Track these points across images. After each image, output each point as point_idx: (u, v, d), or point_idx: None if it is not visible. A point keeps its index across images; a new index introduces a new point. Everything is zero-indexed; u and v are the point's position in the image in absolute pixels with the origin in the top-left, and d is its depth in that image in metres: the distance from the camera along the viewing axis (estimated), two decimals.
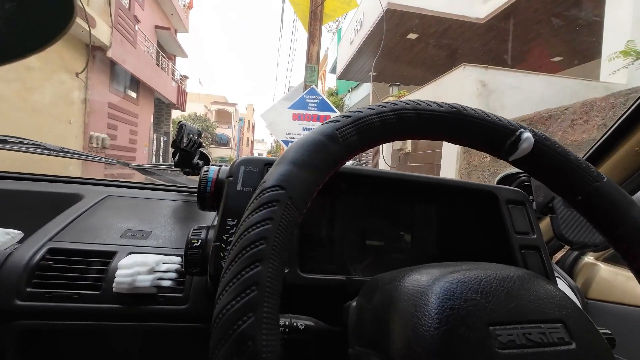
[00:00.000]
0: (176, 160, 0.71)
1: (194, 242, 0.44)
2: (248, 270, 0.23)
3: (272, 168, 0.30)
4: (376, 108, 0.36)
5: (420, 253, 0.57)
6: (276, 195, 0.27)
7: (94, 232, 0.57)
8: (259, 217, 0.26)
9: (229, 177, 0.47)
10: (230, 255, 0.25)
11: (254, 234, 0.25)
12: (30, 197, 0.66)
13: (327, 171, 0.32)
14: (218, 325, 0.22)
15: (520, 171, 0.73)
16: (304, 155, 0.31)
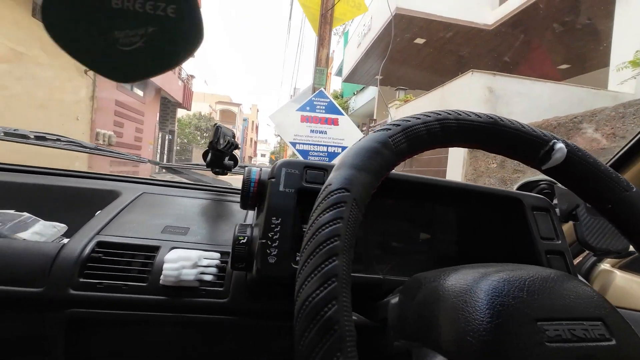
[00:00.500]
0: (208, 160, 0.74)
1: (241, 239, 0.47)
2: (327, 264, 0.26)
3: (334, 172, 0.33)
4: (422, 117, 0.39)
5: (444, 256, 0.60)
6: (343, 197, 0.30)
7: (136, 227, 0.59)
8: (331, 217, 0.28)
9: (271, 179, 0.50)
10: (306, 251, 0.28)
11: (328, 231, 0.28)
12: (70, 192, 0.69)
13: (382, 175, 0.35)
14: (305, 312, 0.24)
15: (540, 179, 0.75)
16: (363, 161, 0.34)
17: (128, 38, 0.23)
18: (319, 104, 3.95)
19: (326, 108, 3.94)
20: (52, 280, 0.49)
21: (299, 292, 0.26)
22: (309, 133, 3.92)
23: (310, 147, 3.89)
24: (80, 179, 0.72)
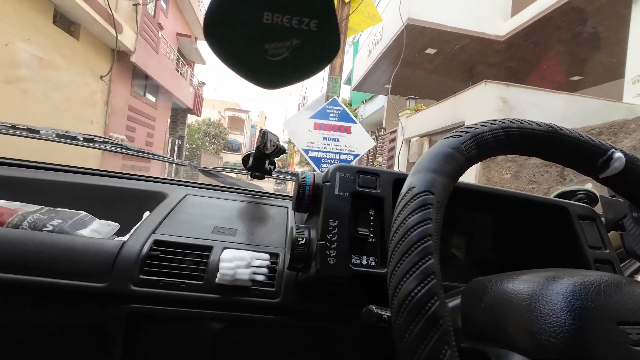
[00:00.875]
0: (250, 164, 0.76)
1: (299, 240, 0.48)
2: (424, 262, 0.27)
3: (414, 175, 0.34)
4: (488, 125, 0.40)
5: (485, 262, 0.60)
6: (429, 199, 0.31)
7: (188, 227, 0.61)
8: (420, 218, 0.30)
9: (326, 182, 0.52)
10: (399, 249, 0.29)
11: (420, 231, 0.29)
12: (118, 192, 0.71)
13: (456, 179, 0.37)
14: (408, 307, 0.26)
15: (577, 188, 0.76)
16: (441, 165, 0.35)
17: (276, 49, 0.26)
18: (332, 112, 3.98)
19: (339, 116, 3.97)
20: (115, 276, 0.51)
21: (398, 289, 0.27)
22: (322, 140, 3.95)
23: (322, 155, 3.92)
24: (127, 180, 0.75)
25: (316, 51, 0.28)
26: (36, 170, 0.72)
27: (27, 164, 0.73)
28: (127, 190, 0.72)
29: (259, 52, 0.27)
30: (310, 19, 0.27)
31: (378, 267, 0.48)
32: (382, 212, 0.51)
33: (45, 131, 0.76)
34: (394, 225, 0.31)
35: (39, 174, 0.70)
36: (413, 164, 1.64)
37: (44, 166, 0.73)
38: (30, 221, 0.55)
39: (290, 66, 0.28)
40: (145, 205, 0.69)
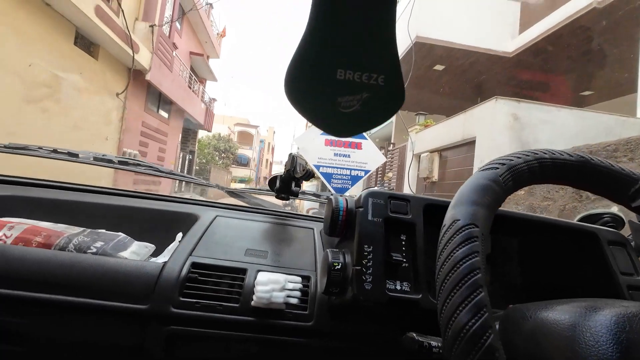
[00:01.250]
0: (278, 187, 0.78)
1: (336, 264, 0.50)
2: (476, 295, 0.29)
3: (456, 208, 0.36)
4: (522, 157, 0.42)
5: (513, 286, 0.61)
6: (475, 232, 0.33)
7: (222, 249, 0.63)
8: (468, 251, 0.31)
9: (359, 208, 0.54)
10: (449, 282, 0.30)
11: (469, 264, 0.30)
12: (152, 214, 0.74)
13: (495, 210, 0.38)
14: (464, 340, 0.27)
15: (603, 212, 0.76)
16: (481, 197, 0.37)
17: (348, 102, 0.28)
18: None
19: None
20: (156, 298, 0.53)
21: (451, 321, 0.28)
22: (333, 156, 3.99)
23: (333, 171, 3.95)
24: (158, 202, 0.78)
25: (383, 103, 0.31)
26: (73, 192, 0.75)
27: (65, 185, 0.77)
28: (160, 212, 0.74)
29: (333, 105, 0.29)
30: (378, 74, 0.29)
31: (412, 293, 0.49)
32: (414, 238, 0.53)
33: (83, 155, 0.80)
34: (440, 258, 0.33)
35: (76, 195, 0.74)
36: (423, 180, 1.68)
37: (81, 188, 0.77)
38: (76, 243, 0.58)
39: (361, 117, 0.31)
40: (177, 226, 0.72)
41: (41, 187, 0.74)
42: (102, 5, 6.65)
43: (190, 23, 12.16)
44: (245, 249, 0.65)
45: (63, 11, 6.04)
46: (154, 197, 0.78)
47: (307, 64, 0.28)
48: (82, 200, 0.71)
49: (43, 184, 0.74)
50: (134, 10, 8.52)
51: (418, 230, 0.53)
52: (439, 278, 0.31)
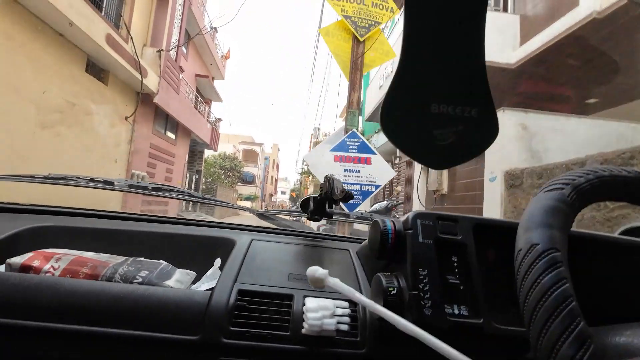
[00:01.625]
0: (312, 209, 0.78)
1: (391, 289, 0.49)
2: (576, 325, 0.28)
3: (530, 231, 0.35)
4: (584, 176, 0.42)
5: (588, 308, 0.58)
6: (558, 257, 0.32)
7: (264, 275, 0.62)
8: (556, 277, 0.30)
9: (408, 230, 0.53)
10: (542, 311, 0.29)
11: (561, 292, 0.30)
12: (189, 240, 0.74)
13: (568, 232, 0.38)
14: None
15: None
16: (554, 219, 0.36)
17: (443, 135, 0.29)
18: (352, 144, 4.06)
19: (359, 148, 4.04)
20: (207, 328, 0.52)
21: (554, 354, 0.27)
22: (343, 172, 3.99)
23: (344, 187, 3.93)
24: (193, 227, 0.78)
25: (478, 135, 0.31)
26: (110, 220, 0.76)
27: (102, 214, 0.77)
28: (196, 238, 0.74)
29: (429, 138, 0.30)
30: (472, 107, 0.30)
31: (472, 317, 0.48)
32: (466, 259, 0.52)
33: (119, 182, 0.81)
34: (525, 285, 0.32)
35: (114, 224, 0.74)
36: (433, 192, 1.67)
37: (118, 215, 0.77)
38: (122, 273, 0.58)
39: (456, 149, 0.31)
40: (214, 252, 0.72)
41: (79, 216, 0.74)
42: (113, 33, 6.89)
43: (196, 46, 12.52)
44: (287, 273, 0.64)
45: (75, 40, 6.26)
46: (188, 222, 0.78)
47: (402, 99, 0.28)
48: (120, 228, 0.72)
49: (81, 212, 0.75)
50: (142, 36, 8.82)
51: (470, 251, 0.52)
52: (527, 306, 0.30)
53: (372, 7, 4.10)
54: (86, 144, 7.36)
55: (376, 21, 4.06)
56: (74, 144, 6.92)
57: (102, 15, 6.85)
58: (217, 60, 14.10)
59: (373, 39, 4.06)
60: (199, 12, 11.54)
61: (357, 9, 4.05)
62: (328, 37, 4.11)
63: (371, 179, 4.05)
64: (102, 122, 7.83)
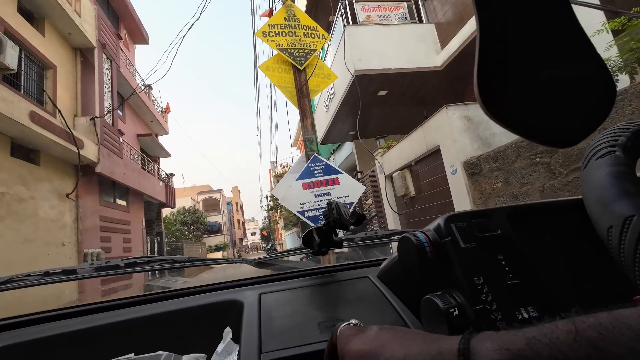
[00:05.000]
0: (319, 242, 0.70)
1: (452, 311, 0.42)
2: None
3: (612, 204, 0.31)
4: (622, 135, 0.39)
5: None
6: None
7: (292, 334, 0.52)
8: None
9: (445, 238, 0.47)
10: None
11: None
12: (188, 314, 0.62)
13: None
14: None
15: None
16: (630, 185, 0.32)
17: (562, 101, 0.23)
18: (316, 169, 4.05)
19: (324, 170, 4.04)
20: None
21: None
22: (314, 198, 3.94)
23: (318, 212, 3.87)
24: (185, 298, 0.65)
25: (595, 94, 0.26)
26: (82, 318, 0.61)
27: (69, 312, 0.62)
28: (196, 309, 0.62)
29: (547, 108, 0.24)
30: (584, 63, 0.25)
31: (545, 318, 0.42)
32: (512, 253, 0.47)
33: (82, 268, 0.67)
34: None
35: (90, 320, 0.59)
36: (402, 198, 1.62)
37: (91, 309, 0.63)
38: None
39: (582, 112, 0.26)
40: (221, 320, 0.60)
41: (38, 324, 0.59)
42: (37, 110, 6.41)
43: (132, 107, 12.09)
44: (316, 323, 0.54)
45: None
46: (179, 293, 0.66)
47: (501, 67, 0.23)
48: (96, 324, 0.57)
49: (39, 318, 0.59)
50: (71, 107, 8.32)
51: (515, 244, 0.47)
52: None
53: (304, 37, 4.26)
54: (25, 234, 6.57)
55: (311, 49, 4.21)
56: (10, 237, 6.14)
57: (22, 94, 6.37)
58: (158, 117, 13.70)
59: (312, 65, 4.18)
60: (128, 73, 11.24)
61: (291, 41, 4.18)
62: (269, 72, 4.16)
63: (343, 198, 4.03)
64: (40, 206, 7.08)
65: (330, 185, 4.07)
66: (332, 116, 8.30)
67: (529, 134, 0.26)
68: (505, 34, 0.24)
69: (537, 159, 3.16)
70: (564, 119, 0.26)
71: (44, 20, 7.50)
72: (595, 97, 0.26)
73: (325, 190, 4.05)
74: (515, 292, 0.43)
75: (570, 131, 0.26)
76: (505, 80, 0.24)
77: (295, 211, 3.80)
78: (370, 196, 7.95)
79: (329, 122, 8.75)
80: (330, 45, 7.89)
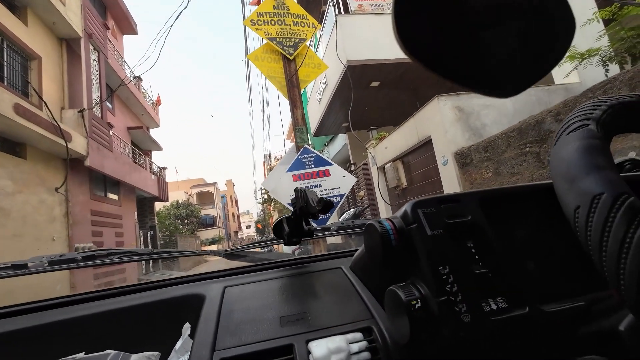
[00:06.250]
0: (288, 231, 0.66)
1: (414, 302, 0.39)
2: None
3: (580, 181, 0.28)
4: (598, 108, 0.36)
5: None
6: (635, 202, 0.24)
7: (251, 329, 0.49)
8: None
9: (411, 225, 0.44)
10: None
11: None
12: (143, 310, 0.58)
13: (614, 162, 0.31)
14: None
15: (623, 159, 0.73)
16: (601, 159, 0.29)
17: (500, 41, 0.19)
18: (307, 160, 4.01)
19: (314, 162, 4.00)
20: None
21: None
22: None
23: None
24: (144, 293, 0.62)
25: (549, 30, 0.22)
26: (27, 317, 0.56)
27: (9, 311, 0.57)
28: (152, 306, 0.58)
29: (481, 46, 0.20)
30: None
31: (515, 308, 0.39)
32: (482, 240, 0.44)
33: (34, 262, 0.62)
34: (609, 249, 0.24)
35: (33, 319, 0.55)
36: (394, 189, 1.56)
37: (36, 307, 0.59)
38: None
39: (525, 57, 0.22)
40: (180, 316, 0.56)
41: None
42: (21, 102, 6.23)
43: (121, 99, 11.85)
44: (278, 317, 0.51)
45: None
46: (138, 288, 0.62)
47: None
48: (45, 322, 0.54)
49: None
50: (58, 99, 8.11)
51: (485, 230, 0.44)
52: (626, 281, 0.22)
53: (294, 25, 4.16)
54: (13, 229, 6.46)
55: (301, 38, 4.12)
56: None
57: (5, 85, 6.19)
58: (148, 109, 13.47)
59: (302, 55, 4.10)
60: (117, 64, 10.99)
61: (280, 30, 4.09)
62: (258, 62, 4.07)
63: (334, 190, 4.00)
64: (28, 201, 6.95)
65: (321, 177, 4.04)
66: (325, 108, 8.22)
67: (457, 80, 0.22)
68: None
69: (526, 149, 3.15)
70: (499, 66, 0.22)
71: (27, 9, 7.25)
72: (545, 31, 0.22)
73: (316, 182, 4.01)
74: (483, 281, 0.40)
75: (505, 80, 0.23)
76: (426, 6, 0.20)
77: (286, 203, 3.76)
78: (363, 188, 7.94)
79: (322, 114, 8.67)
80: (322, 35, 7.77)
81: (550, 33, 0.23)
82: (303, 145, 4.06)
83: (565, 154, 0.30)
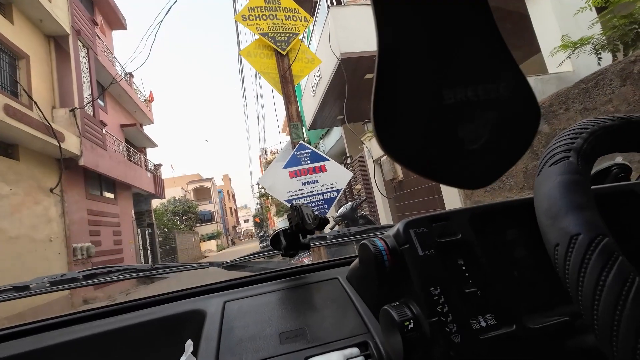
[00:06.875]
0: (285, 244, 0.68)
1: (407, 323, 0.41)
2: None
3: (560, 219, 0.29)
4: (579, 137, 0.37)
5: None
6: (609, 244, 0.26)
7: (251, 346, 0.51)
8: (622, 275, 0.24)
9: (404, 245, 0.45)
10: (625, 327, 0.23)
11: (635, 295, 0.23)
12: (144, 329, 0.59)
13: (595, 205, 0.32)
14: None
15: (611, 164, 0.75)
16: (580, 197, 0.30)
17: (473, 133, 0.20)
18: (303, 156, 4.00)
19: (310, 158, 4.00)
20: None
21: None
22: (301, 186, 3.91)
23: (306, 200, 3.85)
24: (144, 311, 0.63)
25: (518, 119, 0.23)
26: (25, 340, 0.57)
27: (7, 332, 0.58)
28: (152, 324, 0.60)
29: (454, 143, 0.21)
30: (498, 82, 0.22)
31: (502, 326, 0.41)
32: (472, 258, 0.45)
33: (35, 284, 0.63)
34: (584, 291, 0.25)
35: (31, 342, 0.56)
36: (391, 182, 1.59)
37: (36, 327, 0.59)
38: None
39: (496, 149, 0.23)
40: (182, 332, 0.58)
41: None
42: (11, 102, 6.14)
43: (113, 97, 11.70)
44: (277, 334, 0.53)
45: None
46: (139, 304, 0.63)
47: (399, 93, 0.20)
48: (42, 345, 0.55)
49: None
50: (49, 98, 8.00)
51: (475, 248, 0.46)
52: (599, 320, 0.24)
53: (286, 20, 4.11)
54: (8, 232, 6.42)
55: (294, 32, 4.07)
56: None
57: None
58: (141, 106, 13.32)
59: (295, 50, 4.06)
60: (107, 61, 10.81)
61: (272, 25, 4.04)
62: (251, 58, 4.03)
63: (331, 186, 4.01)
64: (22, 202, 6.90)
65: (318, 173, 4.04)
66: (320, 101, 8.18)
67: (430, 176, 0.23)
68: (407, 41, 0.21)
69: None
70: (471, 161, 0.23)
71: (12, 7, 7.08)
72: (514, 121, 0.23)
73: (313, 177, 4.02)
74: (472, 300, 0.42)
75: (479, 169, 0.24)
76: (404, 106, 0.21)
77: (283, 199, 3.78)
78: (359, 181, 7.96)
79: (317, 107, 8.63)
80: (315, 28, 7.69)
81: (518, 122, 0.24)
82: (299, 141, 4.05)
83: (546, 189, 0.32)
